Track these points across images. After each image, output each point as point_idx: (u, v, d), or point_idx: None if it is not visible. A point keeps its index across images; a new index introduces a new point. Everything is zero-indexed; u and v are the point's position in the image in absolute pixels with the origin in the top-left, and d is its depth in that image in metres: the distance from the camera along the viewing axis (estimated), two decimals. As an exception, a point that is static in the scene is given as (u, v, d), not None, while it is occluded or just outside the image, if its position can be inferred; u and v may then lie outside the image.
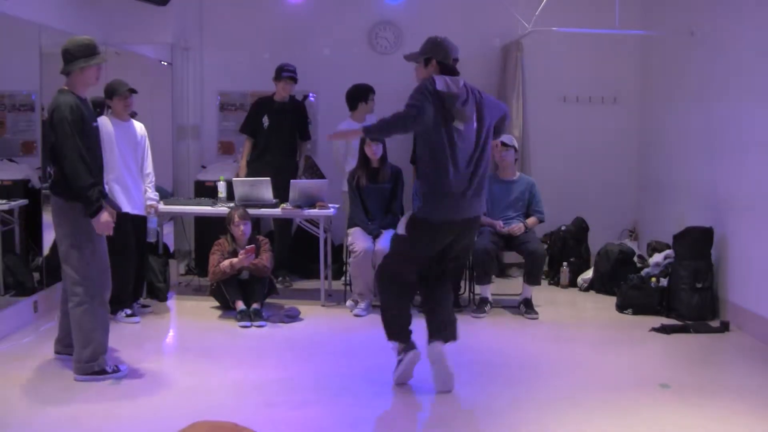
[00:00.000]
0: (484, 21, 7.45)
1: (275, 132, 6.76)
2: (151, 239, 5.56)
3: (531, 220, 6.15)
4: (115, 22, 6.90)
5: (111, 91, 5.53)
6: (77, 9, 6.42)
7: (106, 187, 5.37)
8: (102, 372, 4.35)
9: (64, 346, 4.66)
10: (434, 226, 4.11)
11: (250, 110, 6.94)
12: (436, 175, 4.06)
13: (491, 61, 7.48)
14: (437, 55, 4.18)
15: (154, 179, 5.82)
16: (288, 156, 6.87)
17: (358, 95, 6.77)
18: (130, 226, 5.53)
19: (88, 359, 4.33)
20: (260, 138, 6.79)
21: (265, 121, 6.76)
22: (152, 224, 5.67)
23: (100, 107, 6.55)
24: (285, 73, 6.68)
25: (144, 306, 5.91)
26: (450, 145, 4.03)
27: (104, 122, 5.47)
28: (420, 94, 4.05)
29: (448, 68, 4.18)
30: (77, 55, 4.29)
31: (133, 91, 5.55)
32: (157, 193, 5.87)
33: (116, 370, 4.41)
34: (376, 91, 6.81)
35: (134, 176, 5.65)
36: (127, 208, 5.49)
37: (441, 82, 4.07)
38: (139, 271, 5.78)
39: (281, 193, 6.22)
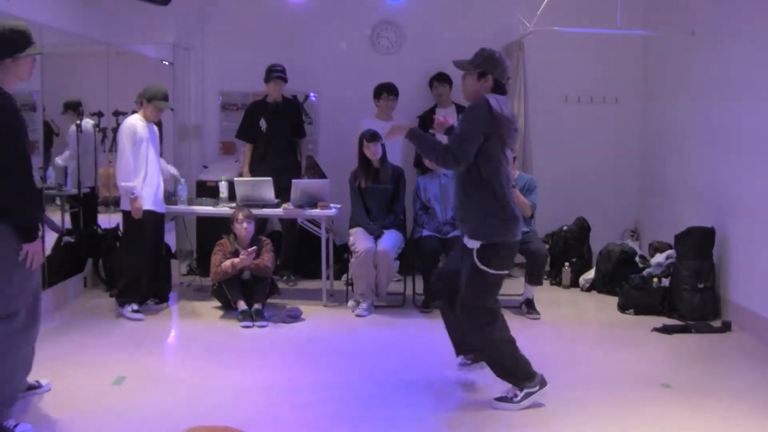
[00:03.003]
0: (486, 21, 7.45)
1: (274, 133, 6.77)
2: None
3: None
4: (116, 22, 6.90)
5: (150, 97, 5.62)
6: (78, 9, 6.42)
7: (135, 188, 5.51)
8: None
9: None
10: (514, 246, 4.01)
11: (246, 115, 6.94)
12: (504, 199, 3.92)
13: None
14: (494, 72, 3.94)
15: None
16: (289, 155, 6.89)
17: (374, 93, 6.86)
18: (152, 222, 5.66)
19: None
20: (259, 141, 6.80)
21: (263, 124, 6.77)
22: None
23: (74, 108, 6.54)
24: (275, 74, 6.69)
25: (158, 303, 6.00)
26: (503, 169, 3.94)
27: (136, 122, 5.59)
28: (477, 124, 3.81)
29: (501, 87, 3.97)
30: (6, 43, 3.55)
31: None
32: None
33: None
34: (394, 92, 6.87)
35: (158, 175, 5.78)
36: (150, 206, 5.61)
37: (495, 104, 3.82)
38: (158, 267, 5.90)
39: (287, 193, 6.19)
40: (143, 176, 5.60)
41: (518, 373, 4.01)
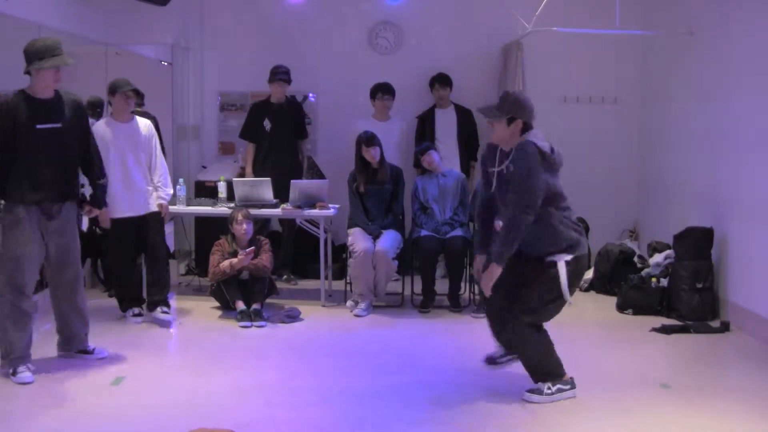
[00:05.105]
0: (485, 21, 7.45)
1: (277, 134, 6.79)
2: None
3: None
4: (115, 22, 6.91)
5: (112, 89, 5.42)
6: (77, 9, 6.43)
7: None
8: (14, 374, 4.30)
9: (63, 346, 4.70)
10: None
11: (250, 114, 6.94)
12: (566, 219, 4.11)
13: (491, 62, 7.47)
14: (522, 115, 3.92)
15: (165, 178, 5.63)
16: (292, 156, 6.91)
17: (371, 93, 6.88)
18: (130, 229, 5.49)
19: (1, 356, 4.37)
20: (263, 142, 6.82)
21: (267, 124, 6.79)
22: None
23: (98, 107, 6.54)
24: (278, 76, 6.71)
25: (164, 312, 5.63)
26: None
27: (97, 127, 5.31)
28: (536, 172, 3.86)
29: (529, 129, 3.97)
30: (32, 57, 4.22)
31: (137, 93, 5.43)
32: (168, 192, 5.65)
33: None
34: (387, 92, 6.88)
35: (136, 177, 5.48)
36: (126, 211, 5.43)
37: (543, 145, 3.89)
38: (154, 270, 5.64)
39: (288, 194, 6.20)
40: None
41: (551, 371, 4.12)
